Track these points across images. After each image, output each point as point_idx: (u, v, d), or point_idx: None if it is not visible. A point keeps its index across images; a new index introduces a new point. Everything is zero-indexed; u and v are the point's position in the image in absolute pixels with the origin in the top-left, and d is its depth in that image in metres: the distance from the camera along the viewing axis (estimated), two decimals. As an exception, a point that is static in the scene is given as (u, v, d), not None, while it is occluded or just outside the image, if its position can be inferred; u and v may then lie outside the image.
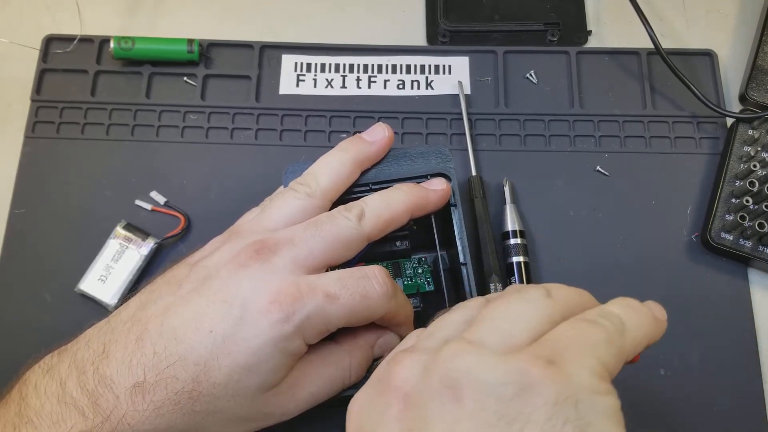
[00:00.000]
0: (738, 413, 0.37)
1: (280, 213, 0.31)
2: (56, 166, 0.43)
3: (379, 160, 0.34)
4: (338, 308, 0.28)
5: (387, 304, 0.29)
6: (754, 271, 0.41)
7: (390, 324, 0.31)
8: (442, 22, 0.47)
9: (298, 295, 0.27)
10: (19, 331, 0.39)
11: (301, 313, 0.27)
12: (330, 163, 0.33)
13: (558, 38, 0.47)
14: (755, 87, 0.44)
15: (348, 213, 0.30)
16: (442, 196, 0.33)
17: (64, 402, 0.27)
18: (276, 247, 0.29)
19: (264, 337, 0.27)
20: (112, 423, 0.26)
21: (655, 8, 0.49)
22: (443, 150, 0.35)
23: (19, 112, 0.44)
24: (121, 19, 0.48)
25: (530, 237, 0.41)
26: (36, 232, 0.41)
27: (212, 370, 0.27)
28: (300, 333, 0.27)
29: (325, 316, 0.28)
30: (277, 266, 0.28)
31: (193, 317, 0.27)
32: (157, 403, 0.27)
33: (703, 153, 0.44)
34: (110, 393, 0.27)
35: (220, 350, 0.27)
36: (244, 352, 0.27)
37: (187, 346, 0.27)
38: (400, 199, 0.31)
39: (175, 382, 0.27)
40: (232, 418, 0.28)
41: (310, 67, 0.46)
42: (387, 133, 0.34)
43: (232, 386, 0.27)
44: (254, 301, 0.27)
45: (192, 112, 0.44)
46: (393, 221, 0.31)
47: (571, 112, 0.44)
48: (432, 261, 0.39)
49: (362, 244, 0.30)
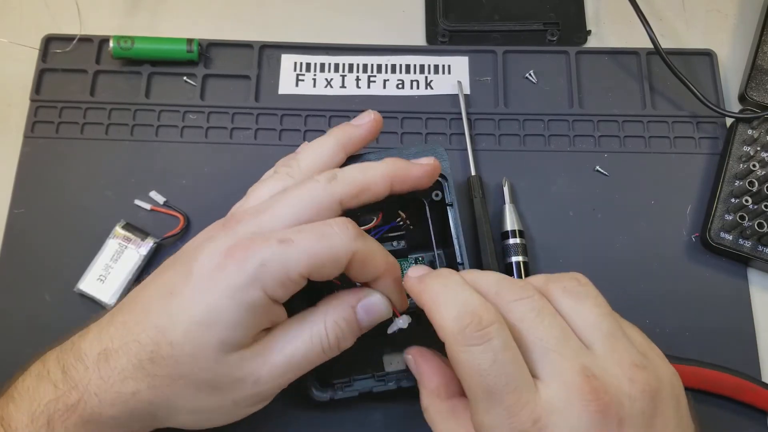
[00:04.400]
0: (738, 412, 0.37)
1: (261, 195, 0.31)
2: (56, 166, 0.43)
3: (365, 144, 0.34)
4: (295, 252, 0.27)
5: (351, 244, 0.28)
6: (753, 270, 0.41)
7: (367, 275, 0.29)
8: (441, 22, 0.47)
9: (250, 244, 0.27)
10: (18, 331, 0.39)
11: (254, 261, 0.26)
12: (312, 146, 0.33)
13: (557, 38, 0.47)
14: (755, 87, 0.44)
15: (318, 176, 0.30)
16: (427, 171, 0.32)
17: (41, 377, 0.28)
18: (242, 216, 0.29)
19: (219, 290, 0.27)
20: (79, 391, 0.27)
21: (655, 8, 0.49)
22: (438, 149, 0.35)
23: (19, 111, 0.44)
24: (121, 18, 0.48)
25: (529, 237, 0.41)
26: (35, 231, 0.41)
27: (170, 330, 0.27)
28: (256, 282, 0.26)
29: (282, 262, 0.27)
30: (239, 232, 0.28)
31: (158, 286, 0.29)
32: (120, 368, 0.27)
33: (703, 153, 0.44)
34: (81, 364, 0.27)
35: (177, 309, 0.27)
36: (199, 307, 0.27)
37: (151, 311, 0.28)
38: (378, 167, 0.31)
39: (137, 346, 0.27)
40: (200, 385, 0.27)
41: (310, 67, 0.46)
42: (373, 116, 0.34)
43: (190, 345, 0.27)
44: (212, 259, 0.27)
45: (191, 112, 0.44)
46: (368, 187, 0.30)
47: (571, 112, 0.44)
48: (429, 261, 0.39)
49: (334, 207, 0.29)
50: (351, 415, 0.36)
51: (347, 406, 0.36)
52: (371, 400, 0.35)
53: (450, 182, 0.34)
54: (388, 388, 0.34)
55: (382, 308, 0.30)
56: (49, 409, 0.27)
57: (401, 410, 0.37)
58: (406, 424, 0.36)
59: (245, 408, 0.30)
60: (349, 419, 0.36)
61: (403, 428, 0.37)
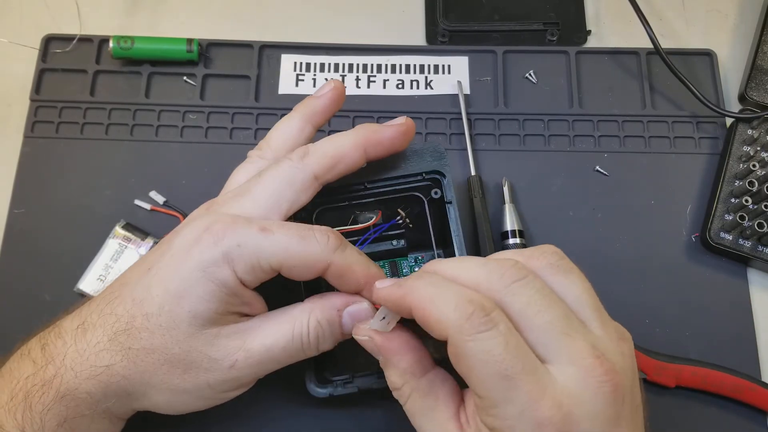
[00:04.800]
0: (738, 413, 0.37)
1: (238, 179, 0.32)
2: (55, 166, 0.43)
3: (330, 113, 0.34)
4: (272, 243, 0.27)
5: (327, 255, 0.28)
6: (753, 270, 0.41)
7: (346, 287, 0.29)
8: (441, 22, 0.47)
9: (231, 223, 0.27)
10: (18, 331, 0.39)
11: (230, 239, 0.27)
12: (279, 125, 0.33)
13: (557, 38, 0.47)
14: (755, 87, 0.44)
15: (290, 155, 0.30)
16: (399, 131, 0.31)
17: (22, 356, 0.28)
18: (224, 201, 0.30)
19: (193, 261, 0.27)
20: (55, 365, 0.27)
21: (655, 8, 0.49)
22: (438, 147, 0.35)
23: (19, 111, 0.44)
24: (121, 18, 0.48)
25: (529, 237, 0.41)
26: (35, 231, 0.41)
27: (145, 302, 0.27)
28: (228, 260, 0.27)
29: (256, 248, 0.27)
30: (220, 213, 0.29)
31: (141, 263, 0.29)
32: (96, 341, 0.27)
33: (703, 153, 0.44)
34: (60, 340, 0.28)
35: (153, 281, 0.27)
36: (173, 278, 0.27)
37: (128, 285, 0.28)
38: (348, 135, 0.31)
39: (113, 319, 0.27)
40: (173, 360, 0.27)
41: (310, 67, 0.46)
42: (334, 84, 0.33)
43: (165, 317, 0.27)
44: (192, 234, 0.28)
45: (191, 112, 0.44)
46: (342, 158, 0.30)
47: (571, 112, 0.44)
48: (429, 259, 0.39)
49: (310, 183, 0.29)
50: (351, 411, 0.36)
51: (347, 402, 0.36)
52: (371, 396, 0.35)
53: (449, 180, 0.34)
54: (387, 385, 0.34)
55: (366, 314, 0.29)
56: (26, 385, 0.27)
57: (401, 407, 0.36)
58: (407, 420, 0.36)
59: (221, 393, 0.29)
60: (348, 416, 0.36)
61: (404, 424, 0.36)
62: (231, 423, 0.37)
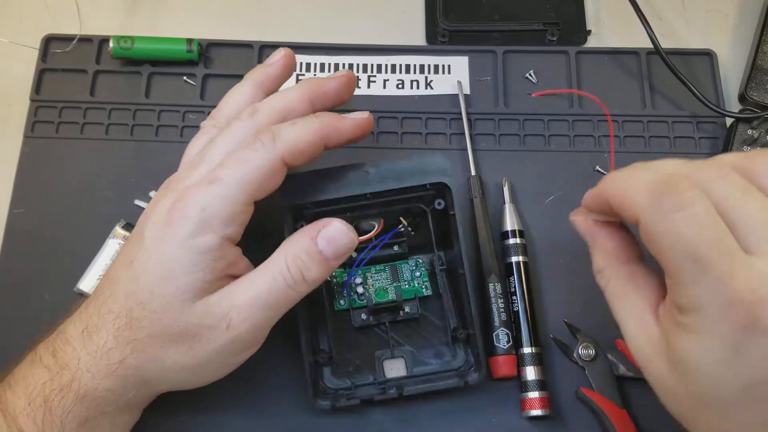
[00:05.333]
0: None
1: (192, 151, 0.32)
2: (55, 166, 0.43)
3: (282, 81, 0.34)
4: (226, 187, 0.28)
5: (275, 153, 0.28)
6: (753, 271, 0.41)
7: (311, 156, 0.30)
8: (441, 22, 0.47)
9: (185, 194, 0.28)
10: (18, 331, 0.39)
11: (194, 208, 0.28)
12: (230, 93, 0.34)
13: (557, 38, 0.47)
14: (755, 87, 0.44)
15: (240, 115, 0.31)
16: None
17: (33, 363, 0.29)
18: (180, 175, 0.31)
19: (170, 244, 0.28)
20: (71, 371, 0.28)
21: (655, 8, 0.49)
22: (444, 161, 0.35)
23: (19, 111, 0.44)
24: (121, 18, 0.48)
25: (529, 237, 0.41)
26: (35, 231, 0.41)
27: (137, 293, 0.28)
28: (205, 226, 0.28)
29: (219, 199, 0.28)
30: (178, 189, 0.29)
31: (120, 258, 0.30)
32: (102, 342, 0.28)
33: (703, 153, 0.44)
34: (68, 346, 0.29)
35: (139, 272, 0.28)
36: (156, 263, 0.28)
37: (117, 282, 0.29)
38: (294, 89, 0.32)
39: (113, 317, 0.28)
40: (176, 339, 0.28)
41: (310, 67, 0.46)
42: (284, 52, 0.34)
43: (157, 301, 0.28)
44: (159, 218, 0.29)
45: (191, 112, 0.44)
46: (290, 111, 0.31)
47: (571, 112, 0.44)
48: (429, 263, 0.38)
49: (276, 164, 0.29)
50: (353, 418, 0.36)
51: (349, 409, 0.35)
52: (373, 404, 0.36)
53: (455, 194, 0.34)
54: (389, 396, 0.34)
55: (343, 235, 0.30)
56: (44, 391, 0.28)
57: (403, 414, 0.36)
58: (409, 427, 0.36)
59: (231, 358, 0.30)
60: (350, 423, 0.36)
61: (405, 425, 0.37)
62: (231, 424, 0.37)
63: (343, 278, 0.37)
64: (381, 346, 0.36)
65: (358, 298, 0.37)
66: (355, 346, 0.37)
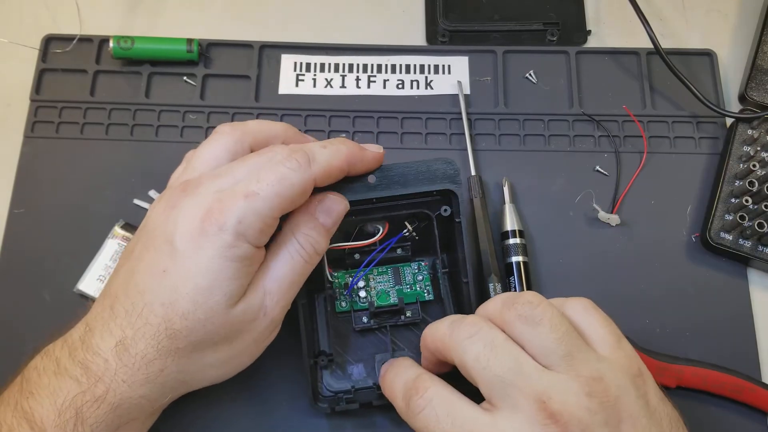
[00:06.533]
0: (738, 412, 0.37)
1: (204, 157, 0.32)
2: (55, 166, 0.43)
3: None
4: (264, 201, 0.29)
5: (309, 174, 0.30)
6: (753, 270, 0.41)
7: (334, 176, 0.32)
8: (441, 22, 0.47)
9: (220, 205, 0.28)
10: (18, 331, 0.39)
11: (231, 220, 0.28)
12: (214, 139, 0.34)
13: (557, 38, 0.47)
14: (755, 87, 0.44)
15: (293, 153, 0.31)
16: (375, 158, 0.34)
17: (59, 374, 0.28)
18: (199, 181, 0.30)
19: (209, 253, 0.28)
20: (105, 383, 0.28)
21: (655, 8, 0.49)
22: (453, 166, 0.35)
23: (19, 111, 0.44)
24: (121, 18, 0.48)
25: (529, 237, 0.41)
26: (35, 231, 0.41)
27: (177, 303, 0.28)
28: (241, 237, 0.28)
29: (255, 213, 0.28)
30: (203, 194, 0.29)
31: (147, 267, 0.29)
32: (141, 354, 0.28)
33: (703, 153, 0.44)
34: (98, 358, 0.28)
35: (177, 282, 0.28)
36: (198, 274, 0.28)
37: (150, 292, 0.28)
38: (338, 146, 0.32)
39: (150, 329, 0.28)
40: (219, 341, 0.29)
41: (310, 67, 0.46)
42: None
43: (201, 310, 0.28)
44: (191, 227, 0.28)
45: (191, 112, 0.44)
46: (330, 167, 0.31)
47: (571, 112, 0.44)
48: (431, 266, 0.38)
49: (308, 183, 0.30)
50: (352, 421, 0.36)
51: (348, 413, 0.36)
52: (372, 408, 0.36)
53: (461, 201, 0.34)
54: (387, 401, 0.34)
55: (338, 206, 0.32)
56: (76, 403, 0.27)
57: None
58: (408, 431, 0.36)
59: (265, 341, 0.32)
60: (349, 426, 0.36)
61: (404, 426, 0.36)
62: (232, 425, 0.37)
63: (345, 279, 0.37)
64: (381, 349, 0.36)
65: (360, 301, 0.37)
66: (355, 348, 0.37)
